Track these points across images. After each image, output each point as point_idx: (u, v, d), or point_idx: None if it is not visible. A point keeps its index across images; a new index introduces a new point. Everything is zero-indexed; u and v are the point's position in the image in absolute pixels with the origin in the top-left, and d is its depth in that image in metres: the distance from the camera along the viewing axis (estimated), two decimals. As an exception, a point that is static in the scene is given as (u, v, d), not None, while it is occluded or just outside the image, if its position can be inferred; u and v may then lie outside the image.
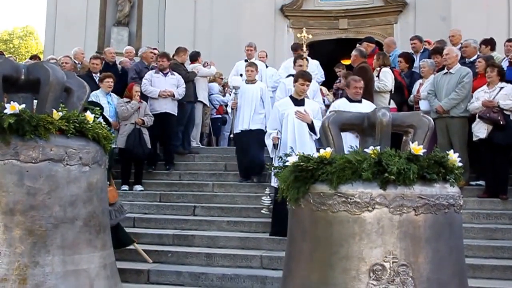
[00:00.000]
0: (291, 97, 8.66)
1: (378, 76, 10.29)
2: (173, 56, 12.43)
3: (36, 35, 45.01)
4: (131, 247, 7.74)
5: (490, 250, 7.48)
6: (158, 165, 11.51)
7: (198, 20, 17.89)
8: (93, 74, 11.60)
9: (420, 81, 10.55)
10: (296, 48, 12.58)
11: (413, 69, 11.43)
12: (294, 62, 10.82)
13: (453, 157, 3.81)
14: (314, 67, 12.42)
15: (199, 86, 12.66)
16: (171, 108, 11.37)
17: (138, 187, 10.56)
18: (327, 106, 11.11)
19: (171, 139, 11.58)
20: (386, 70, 10.29)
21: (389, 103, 10.05)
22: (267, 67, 13.38)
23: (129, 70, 12.33)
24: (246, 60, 12.55)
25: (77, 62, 12.96)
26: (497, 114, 8.82)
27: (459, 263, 3.86)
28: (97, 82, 11.18)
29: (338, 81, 12.85)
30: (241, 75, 11.97)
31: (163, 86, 11.32)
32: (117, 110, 10.61)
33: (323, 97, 12.26)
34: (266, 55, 13.92)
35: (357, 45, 12.55)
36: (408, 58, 11.44)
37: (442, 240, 3.70)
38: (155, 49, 13.72)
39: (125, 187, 10.48)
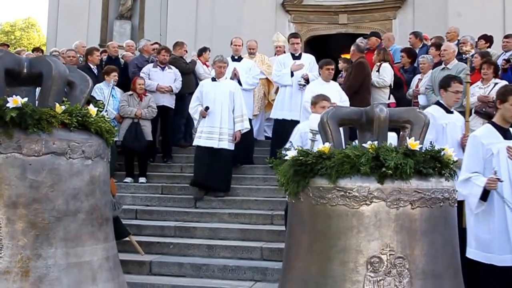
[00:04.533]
0: (494, 124, 5.77)
1: (378, 71, 10.35)
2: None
3: (38, 27, 44.99)
4: (127, 238, 7.79)
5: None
6: (157, 158, 11.58)
7: (199, 14, 17.89)
8: (91, 66, 11.65)
9: (418, 76, 10.63)
10: (328, 63, 9.86)
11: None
12: (445, 86, 7.00)
13: (449, 152, 3.87)
14: (312, 63, 11.47)
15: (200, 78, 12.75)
16: (168, 101, 11.45)
17: (142, 179, 10.62)
18: None
19: (169, 132, 11.65)
20: (386, 66, 10.36)
21: (389, 98, 10.15)
22: (241, 59, 12.01)
23: (130, 64, 12.36)
24: (213, 79, 10.18)
25: (78, 55, 13.00)
26: (492, 109, 8.89)
27: (454, 256, 3.92)
28: (96, 74, 11.25)
29: (340, 75, 12.82)
30: (207, 108, 9.73)
31: (161, 80, 11.41)
32: (119, 106, 10.68)
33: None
34: (242, 44, 12.32)
35: (360, 39, 12.64)
36: (410, 53, 11.49)
37: (437, 233, 3.76)
38: (156, 43, 13.74)
39: (128, 179, 10.55)
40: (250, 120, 10.68)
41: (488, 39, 11.40)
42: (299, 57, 11.39)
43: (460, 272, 3.97)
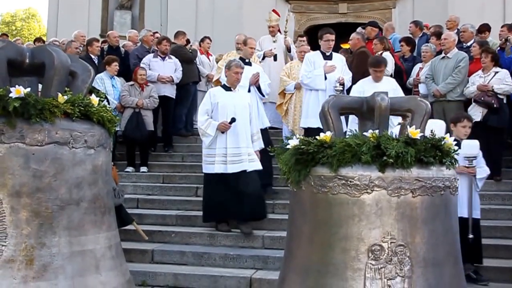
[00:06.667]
0: None
1: (379, 60, 10.33)
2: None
3: (38, 18, 44.93)
4: (129, 226, 7.82)
5: (484, 230, 7.57)
6: (158, 147, 11.63)
7: (199, 4, 17.90)
8: (92, 56, 11.65)
9: (419, 65, 10.66)
10: (375, 65, 8.83)
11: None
12: None
13: (449, 140, 3.89)
14: (343, 64, 9.97)
15: (204, 66, 12.82)
16: (169, 91, 11.49)
17: (143, 169, 10.67)
18: None
19: (170, 122, 11.67)
20: (387, 55, 10.36)
21: (389, 87, 10.14)
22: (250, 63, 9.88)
23: (130, 55, 12.36)
24: (226, 88, 8.33)
25: (78, 44, 12.99)
26: (491, 98, 8.99)
27: (454, 243, 3.95)
28: (97, 65, 11.26)
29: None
30: (233, 120, 7.90)
31: (161, 70, 11.43)
32: (120, 95, 10.73)
33: None
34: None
35: (359, 28, 12.59)
36: (409, 42, 11.49)
37: (438, 221, 3.79)
38: (156, 32, 13.75)
39: (130, 169, 10.59)
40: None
41: (487, 28, 11.44)
42: (330, 57, 9.82)
43: (460, 260, 4.00)
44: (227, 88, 8.25)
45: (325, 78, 9.56)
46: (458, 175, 6.36)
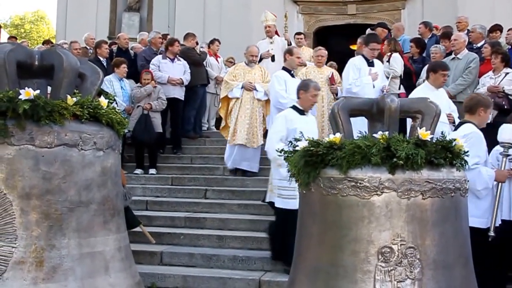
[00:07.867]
0: None
1: (388, 61, 10.31)
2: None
3: (47, 20, 45.16)
4: (138, 229, 7.83)
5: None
6: (167, 149, 11.64)
7: (207, 5, 17.91)
8: (101, 58, 11.68)
9: (429, 66, 10.61)
10: (444, 68, 7.88)
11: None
12: None
13: (460, 142, 3.86)
14: (382, 71, 9.84)
15: (213, 68, 12.83)
16: (179, 93, 11.50)
17: (152, 171, 10.68)
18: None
19: (178, 124, 11.68)
20: (396, 56, 10.33)
21: (399, 88, 10.11)
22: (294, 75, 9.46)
23: (138, 57, 12.39)
24: (299, 111, 7.15)
25: (88, 47, 13.06)
26: (502, 99, 8.93)
27: (465, 245, 3.94)
28: (105, 67, 11.29)
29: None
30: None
31: (171, 72, 11.43)
32: (132, 92, 10.80)
33: (335, 85, 10.47)
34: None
35: (369, 30, 12.58)
36: (419, 43, 11.45)
37: (448, 223, 3.77)
38: (167, 34, 13.77)
39: (139, 171, 10.60)
40: None
41: (499, 28, 11.41)
42: (372, 64, 9.56)
43: (470, 261, 3.98)
44: (300, 112, 7.16)
45: (373, 87, 9.17)
46: None
